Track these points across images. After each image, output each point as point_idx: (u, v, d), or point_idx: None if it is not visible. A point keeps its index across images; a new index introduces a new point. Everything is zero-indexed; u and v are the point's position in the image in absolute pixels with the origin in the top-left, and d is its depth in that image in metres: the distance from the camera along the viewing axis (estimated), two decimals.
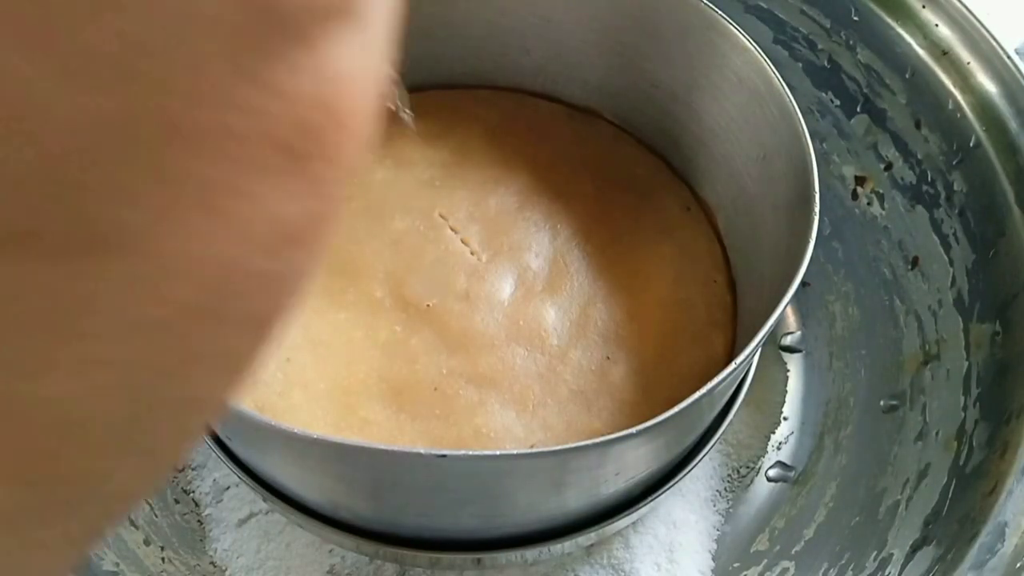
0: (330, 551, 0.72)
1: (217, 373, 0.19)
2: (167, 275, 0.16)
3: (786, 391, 0.83)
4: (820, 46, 0.83)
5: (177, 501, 0.77)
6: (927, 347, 0.76)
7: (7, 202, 0.15)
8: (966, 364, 0.72)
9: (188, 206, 0.16)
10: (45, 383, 0.16)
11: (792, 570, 0.72)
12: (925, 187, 0.77)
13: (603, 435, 0.50)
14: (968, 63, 0.75)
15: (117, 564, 0.70)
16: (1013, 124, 0.72)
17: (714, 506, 0.78)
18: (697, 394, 0.52)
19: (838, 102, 0.83)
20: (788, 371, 0.84)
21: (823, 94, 0.84)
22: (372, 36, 0.19)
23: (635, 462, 0.57)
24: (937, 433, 0.71)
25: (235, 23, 0.16)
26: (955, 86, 0.75)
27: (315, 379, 0.64)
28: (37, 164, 0.15)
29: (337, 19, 0.18)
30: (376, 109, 0.20)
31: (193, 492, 0.77)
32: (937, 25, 0.76)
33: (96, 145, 0.15)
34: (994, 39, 0.74)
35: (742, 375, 0.67)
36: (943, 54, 0.76)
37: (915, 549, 0.65)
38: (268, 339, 0.19)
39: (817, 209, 0.59)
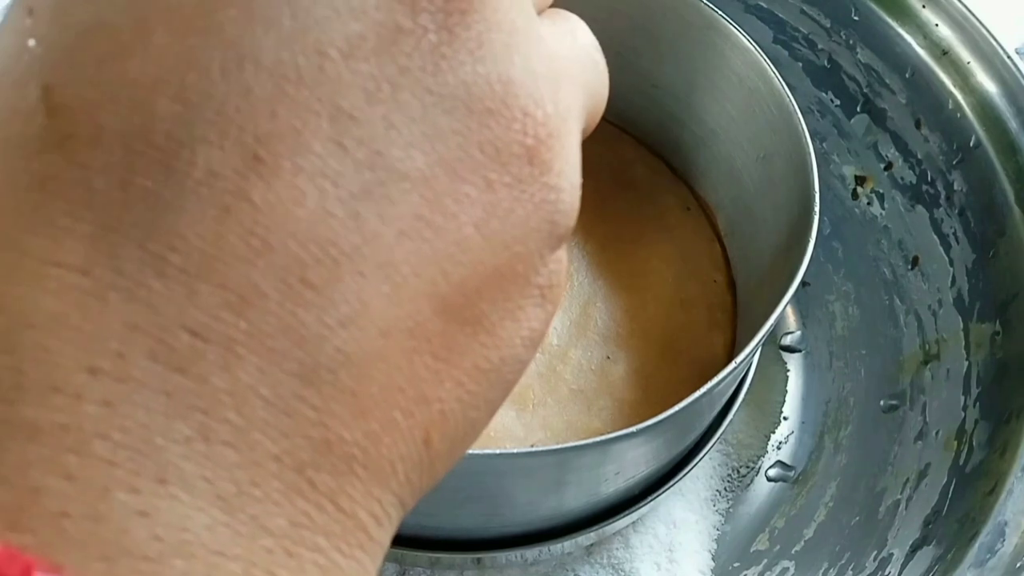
0: None
1: (488, 411, 0.26)
2: (494, 347, 0.24)
3: (786, 391, 0.83)
4: (820, 46, 0.83)
5: None
6: (927, 347, 0.76)
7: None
8: (966, 364, 0.72)
9: (508, 313, 0.24)
10: (440, 391, 0.23)
11: (792, 570, 0.72)
12: (925, 187, 0.77)
13: (603, 434, 0.50)
14: (968, 63, 0.75)
15: None
16: (1013, 124, 0.72)
17: (714, 506, 0.78)
18: (697, 393, 0.52)
19: (838, 102, 0.83)
20: (788, 371, 0.84)
21: (823, 94, 0.84)
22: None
23: (635, 461, 0.57)
24: (937, 433, 0.71)
25: (545, 235, 0.25)
26: (955, 86, 0.75)
27: None
28: (474, 284, 0.23)
29: (567, 239, 0.27)
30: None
31: None
32: (937, 25, 0.76)
33: (493, 281, 0.24)
34: (994, 39, 0.74)
35: (742, 375, 0.67)
36: (943, 54, 0.76)
37: (915, 549, 0.65)
38: (505, 398, 0.26)
39: (817, 209, 0.59)
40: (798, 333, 0.86)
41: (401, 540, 0.62)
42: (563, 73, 0.26)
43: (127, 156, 0.20)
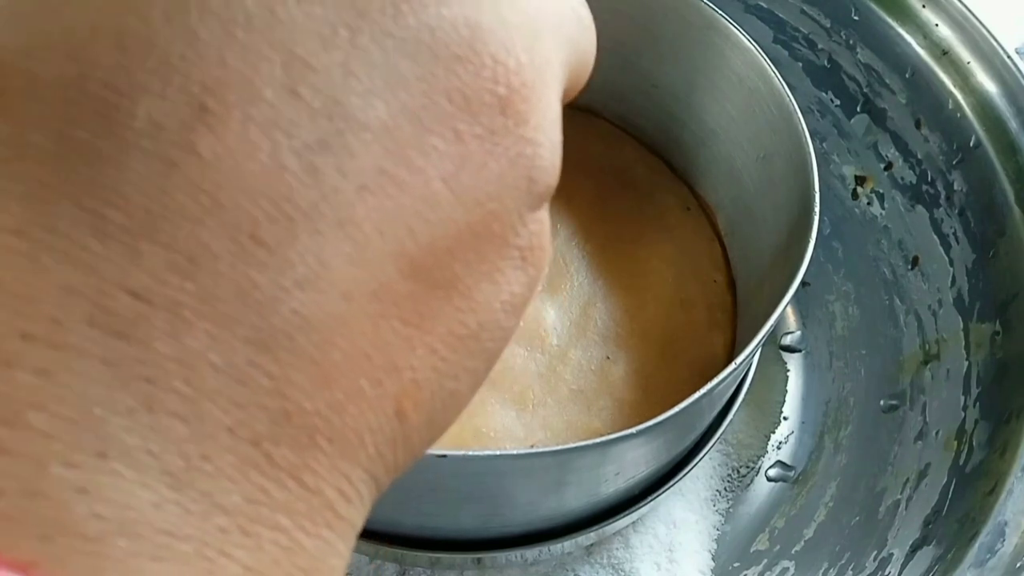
0: None
1: (468, 383, 0.25)
2: (470, 311, 0.23)
3: (786, 391, 0.83)
4: (820, 46, 0.83)
5: None
6: (927, 347, 0.76)
7: None
8: (966, 364, 0.72)
9: (486, 275, 0.24)
10: (412, 358, 0.22)
11: (792, 570, 0.72)
12: (925, 187, 0.77)
13: (603, 435, 0.50)
14: (968, 63, 0.75)
15: None
16: (1013, 124, 0.72)
17: (714, 506, 0.78)
18: (697, 394, 0.52)
19: (838, 102, 0.83)
20: (788, 371, 0.84)
21: (823, 94, 0.84)
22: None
23: (635, 462, 0.57)
24: (937, 433, 0.71)
25: (523, 192, 0.24)
26: (955, 86, 0.75)
27: None
28: (445, 244, 0.22)
29: (548, 199, 0.25)
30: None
31: None
32: (937, 25, 0.76)
33: (466, 240, 0.23)
34: (994, 39, 0.74)
35: (742, 375, 0.67)
36: (943, 54, 0.76)
37: (915, 549, 0.65)
38: (488, 371, 0.26)
39: (817, 209, 0.59)
40: (798, 333, 0.86)
41: (401, 540, 0.62)
42: (541, 24, 0.25)
43: (63, 108, 0.19)
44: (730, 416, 0.67)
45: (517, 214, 0.24)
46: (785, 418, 0.82)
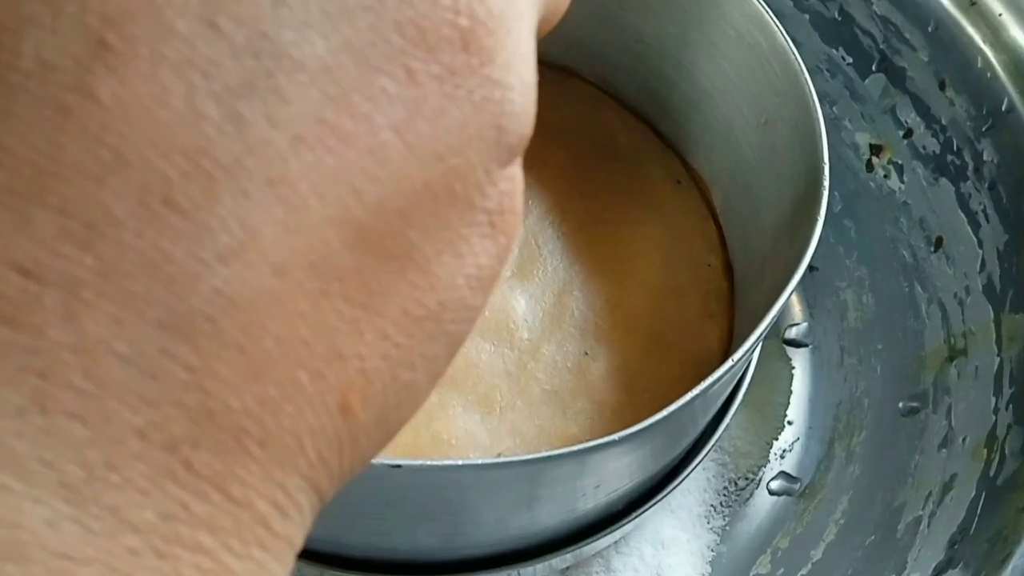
0: None
1: (428, 372, 0.24)
2: (429, 287, 0.22)
3: (791, 391, 0.84)
4: None
5: None
6: (952, 341, 0.76)
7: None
8: (997, 360, 0.72)
9: (448, 245, 0.23)
10: (359, 344, 0.21)
11: None
12: (950, 157, 0.78)
13: (581, 442, 0.50)
14: (1000, 15, 0.75)
15: None
16: None
17: (708, 523, 0.78)
18: (689, 395, 0.52)
19: (850, 60, 0.84)
20: (793, 368, 0.85)
21: (833, 50, 0.84)
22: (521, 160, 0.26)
23: (617, 473, 0.57)
24: (964, 440, 0.71)
25: (490, 144, 0.23)
26: (984, 41, 0.75)
27: None
28: (397, 206, 0.21)
29: (521, 152, 0.24)
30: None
31: None
32: None
33: (423, 203, 0.22)
34: None
35: (740, 373, 0.68)
36: (971, 4, 0.76)
37: (939, 572, 0.65)
38: (451, 358, 0.25)
39: (826, 183, 0.59)
40: (804, 325, 0.86)
41: (350, 562, 0.62)
42: None
43: None
44: (726, 420, 0.67)
45: (484, 170, 0.23)
46: (789, 422, 0.82)
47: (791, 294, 0.55)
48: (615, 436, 0.50)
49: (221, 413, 0.19)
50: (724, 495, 0.79)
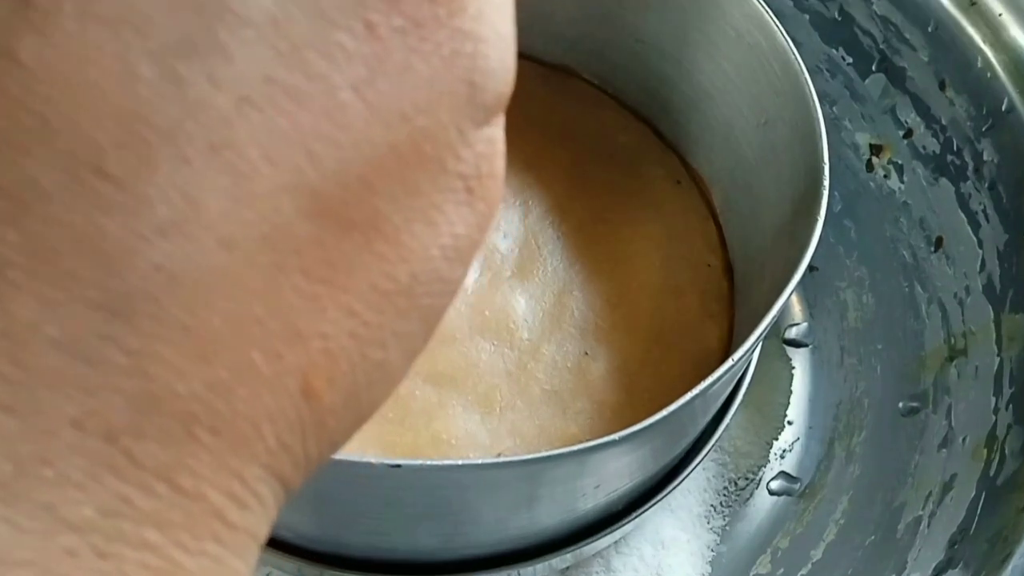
0: (268, 575, 0.72)
1: (402, 350, 0.22)
2: (399, 259, 0.21)
3: (791, 391, 0.84)
4: None
5: None
6: (952, 341, 0.76)
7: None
8: (997, 360, 0.72)
9: (419, 213, 0.21)
10: (321, 322, 0.20)
11: None
12: (950, 157, 0.78)
13: (580, 442, 0.50)
14: (1000, 15, 0.75)
15: None
16: None
17: (708, 523, 0.78)
18: (688, 395, 0.52)
19: (851, 59, 0.84)
20: (793, 368, 0.85)
21: (833, 50, 0.84)
22: (503, 120, 0.24)
23: (617, 473, 0.57)
24: (964, 439, 0.71)
25: (463, 102, 0.21)
26: (984, 41, 0.75)
27: None
28: (360, 172, 0.20)
29: (500, 111, 0.23)
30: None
31: None
32: None
33: (389, 167, 0.20)
34: None
35: (740, 373, 0.68)
36: (971, 4, 0.76)
37: (939, 572, 0.65)
38: (430, 335, 0.23)
39: (826, 183, 0.59)
40: (804, 325, 0.86)
41: (349, 562, 0.62)
42: None
43: None
44: (726, 420, 0.67)
45: (457, 131, 0.22)
46: (789, 422, 0.82)
47: (791, 294, 0.55)
48: (615, 436, 0.50)
49: (166, 399, 0.18)
50: (724, 495, 0.79)
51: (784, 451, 0.81)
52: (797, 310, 0.87)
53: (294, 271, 0.20)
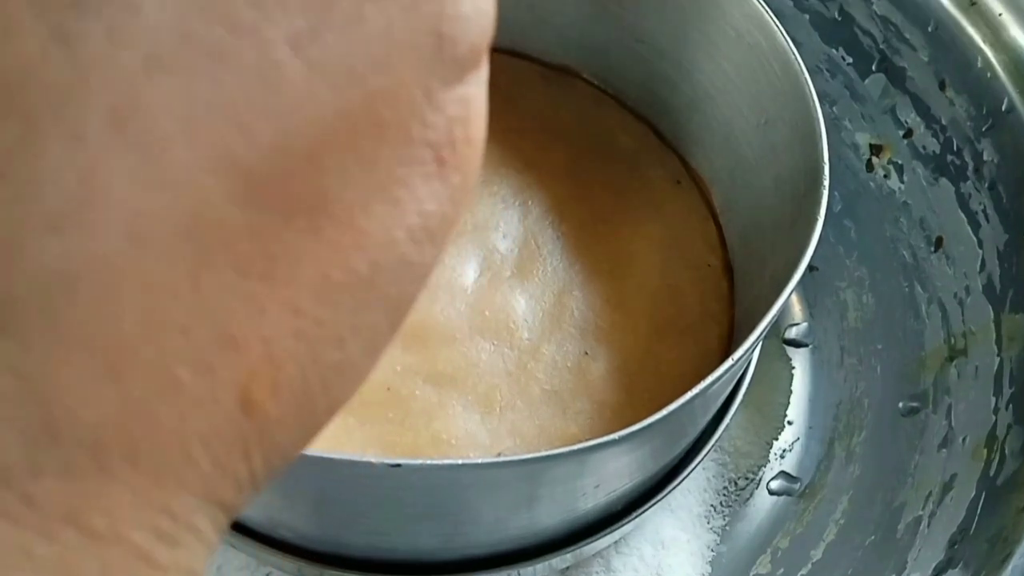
0: (268, 575, 0.72)
1: (364, 347, 0.20)
2: (355, 246, 0.19)
3: (791, 391, 0.84)
4: None
5: None
6: (952, 341, 0.76)
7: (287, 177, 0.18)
8: (997, 360, 0.72)
9: (378, 191, 0.19)
10: (260, 324, 0.18)
11: None
12: (950, 157, 0.78)
13: (580, 441, 0.50)
14: (1000, 15, 0.75)
15: None
16: None
17: (708, 523, 0.78)
18: (688, 395, 0.52)
19: (851, 59, 0.84)
20: (793, 368, 0.85)
21: (833, 50, 0.84)
22: (484, 77, 0.21)
23: (617, 473, 0.57)
24: (964, 440, 0.71)
25: (428, 57, 0.19)
26: (984, 41, 0.75)
27: None
28: (303, 145, 0.17)
29: (476, 67, 0.20)
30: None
31: None
32: None
33: (339, 139, 0.18)
34: None
35: (740, 373, 0.67)
36: (971, 4, 0.76)
37: (939, 572, 0.65)
38: (398, 325, 0.21)
39: (826, 182, 0.59)
40: (804, 325, 0.86)
41: (349, 562, 0.62)
42: None
43: None
44: (726, 420, 0.67)
45: (423, 92, 0.19)
46: (789, 422, 0.82)
47: (791, 294, 0.55)
48: (615, 436, 0.50)
49: (67, 428, 0.16)
50: (724, 495, 0.79)
51: (784, 451, 0.81)
52: (797, 310, 0.87)
53: (224, 267, 0.17)
